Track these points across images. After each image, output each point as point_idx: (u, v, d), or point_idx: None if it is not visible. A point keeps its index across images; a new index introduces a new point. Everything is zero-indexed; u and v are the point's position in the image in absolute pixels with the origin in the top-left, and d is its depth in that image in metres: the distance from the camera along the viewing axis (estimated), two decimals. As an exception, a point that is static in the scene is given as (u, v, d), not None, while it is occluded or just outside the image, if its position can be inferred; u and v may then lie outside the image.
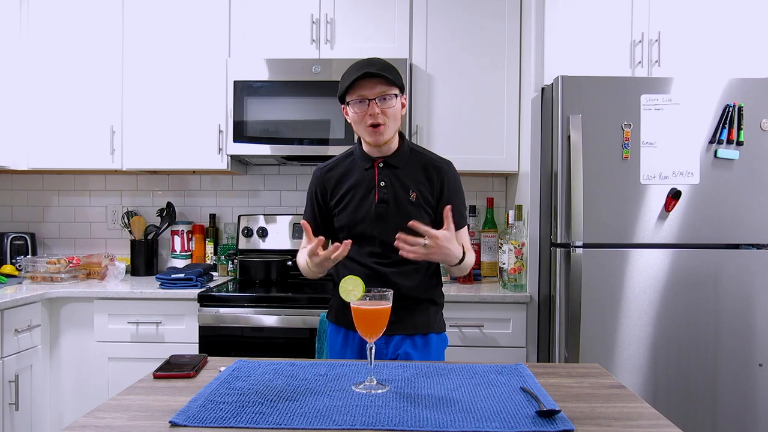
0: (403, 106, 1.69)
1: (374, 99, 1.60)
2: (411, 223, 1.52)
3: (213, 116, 2.83)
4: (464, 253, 1.65)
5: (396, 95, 1.63)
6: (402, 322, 1.68)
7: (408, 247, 1.50)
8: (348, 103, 1.65)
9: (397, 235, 1.50)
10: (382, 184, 1.70)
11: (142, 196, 3.24)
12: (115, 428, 0.99)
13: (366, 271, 1.68)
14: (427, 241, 1.50)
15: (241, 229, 3.07)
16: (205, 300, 2.46)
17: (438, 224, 1.66)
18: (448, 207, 1.55)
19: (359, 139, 1.74)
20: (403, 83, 1.66)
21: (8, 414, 2.31)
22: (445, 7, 2.80)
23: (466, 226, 1.81)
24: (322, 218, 1.79)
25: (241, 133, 2.74)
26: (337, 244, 1.53)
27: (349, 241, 1.53)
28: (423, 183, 1.72)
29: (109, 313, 2.52)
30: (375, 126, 1.61)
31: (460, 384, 1.23)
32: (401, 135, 1.75)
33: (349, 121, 1.69)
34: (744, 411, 2.29)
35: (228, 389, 1.18)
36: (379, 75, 1.58)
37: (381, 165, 1.71)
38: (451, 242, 1.55)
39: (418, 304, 1.74)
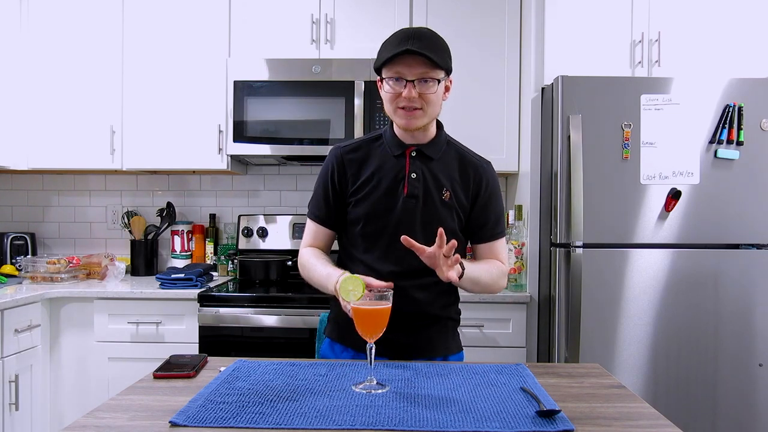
0: (447, 89, 1.47)
1: (413, 80, 1.39)
2: (403, 238, 1.30)
3: (213, 116, 2.83)
4: (463, 270, 1.37)
5: (440, 80, 1.41)
6: (419, 345, 1.50)
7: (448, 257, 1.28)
8: (383, 79, 1.43)
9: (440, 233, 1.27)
10: (413, 176, 1.47)
11: (142, 196, 3.24)
12: (115, 428, 0.99)
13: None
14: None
15: (241, 229, 3.07)
16: (205, 300, 2.46)
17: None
18: (441, 230, 1.28)
19: (391, 122, 1.52)
20: (450, 65, 1.44)
21: (8, 414, 2.31)
22: (445, 8, 2.80)
23: (503, 237, 1.58)
24: (336, 205, 1.53)
25: (241, 133, 2.74)
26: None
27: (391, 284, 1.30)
28: (458, 181, 1.50)
29: (109, 313, 2.51)
30: (408, 109, 1.42)
31: (460, 384, 1.23)
32: (439, 123, 1.54)
33: (382, 96, 1.49)
34: (744, 411, 2.29)
35: (228, 389, 1.18)
36: (423, 55, 1.36)
37: (413, 154, 1.49)
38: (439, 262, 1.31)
39: (436, 323, 1.54)
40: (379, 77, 1.47)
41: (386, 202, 1.47)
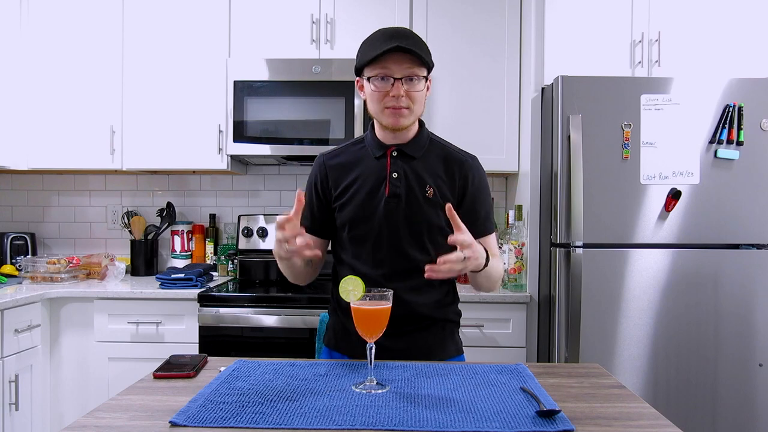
0: (428, 89, 1.47)
1: (401, 78, 1.38)
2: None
3: (213, 116, 2.83)
4: (488, 256, 1.39)
5: (425, 77, 1.42)
6: (414, 349, 1.48)
7: (444, 267, 1.24)
8: (367, 78, 1.41)
9: (427, 267, 1.25)
10: (395, 175, 1.46)
11: (142, 196, 3.24)
12: (115, 428, 0.99)
13: (369, 285, 1.29)
14: (465, 253, 1.25)
15: (241, 229, 3.07)
16: (205, 300, 2.46)
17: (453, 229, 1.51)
18: (449, 205, 1.30)
19: (372, 124, 1.51)
20: (432, 64, 1.43)
21: (8, 414, 2.31)
22: (445, 8, 2.80)
23: (494, 233, 1.56)
24: (321, 213, 1.54)
25: (241, 133, 2.74)
26: (309, 242, 1.29)
27: (318, 253, 1.33)
28: (442, 178, 1.48)
29: (109, 313, 2.51)
30: (396, 108, 1.41)
31: (460, 384, 1.23)
32: (421, 122, 1.53)
33: (362, 96, 1.47)
34: (744, 411, 2.29)
35: (228, 389, 1.18)
36: (411, 51, 1.36)
37: (395, 154, 1.48)
38: (474, 243, 1.30)
39: (432, 325, 1.52)
40: (358, 78, 1.46)
41: (369, 204, 1.47)
